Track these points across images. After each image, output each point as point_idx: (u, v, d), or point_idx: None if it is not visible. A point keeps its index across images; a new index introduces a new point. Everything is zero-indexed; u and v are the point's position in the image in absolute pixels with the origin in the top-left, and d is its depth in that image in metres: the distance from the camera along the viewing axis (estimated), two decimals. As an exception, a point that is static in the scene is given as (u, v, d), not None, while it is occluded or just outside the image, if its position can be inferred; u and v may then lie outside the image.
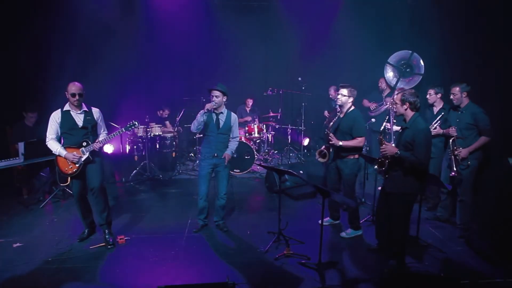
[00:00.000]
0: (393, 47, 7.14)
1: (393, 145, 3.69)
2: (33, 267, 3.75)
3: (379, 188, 3.97)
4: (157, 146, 7.36)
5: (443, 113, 4.80)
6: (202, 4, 8.10)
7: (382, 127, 3.82)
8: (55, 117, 4.08)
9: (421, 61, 6.52)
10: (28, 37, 6.51)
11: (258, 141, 8.18)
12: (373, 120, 6.30)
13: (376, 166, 3.72)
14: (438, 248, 4.18)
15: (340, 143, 4.25)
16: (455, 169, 4.31)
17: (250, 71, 8.84)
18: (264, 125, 8.00)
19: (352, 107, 4.40)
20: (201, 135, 4.72)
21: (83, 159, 4.11)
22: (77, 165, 4.11)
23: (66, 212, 5.28)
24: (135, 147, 7.21)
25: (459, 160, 4.35)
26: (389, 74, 6.93)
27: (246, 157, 7.23)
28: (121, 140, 7.33)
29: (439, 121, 4.80)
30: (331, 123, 4.48)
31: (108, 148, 7.35)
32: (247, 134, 7.67)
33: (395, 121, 4.96)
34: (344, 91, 4.32)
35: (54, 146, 4.08)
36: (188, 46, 8.31)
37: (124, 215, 5.15)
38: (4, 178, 5.81)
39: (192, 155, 8.33)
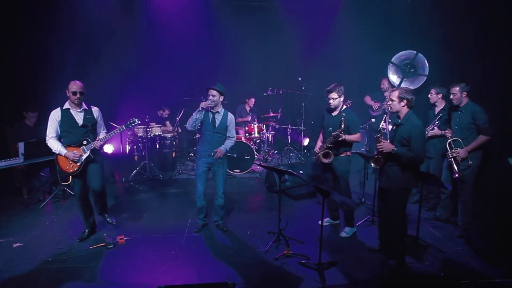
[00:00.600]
0: (393, 46, 7.15)
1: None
2: (33, 267, 3.74)
3: (379, 187, 3.98)
4: (157, 146, 7.37)
5: (441, 114, 4.81)
6: (202, 4, 8.11)
7: (380, 126, 3.82)
8: (55, 116, 4.08)
9: (426, 62, 6.51)
10: (28, 37, 6.52)
11: (258, 141, 8.18)
12: (373, 120, 6.30)
13: (372, 164, 3.75)
14: (438, 248, 4.17)
15: (344, 137, 4.29)
16: (457, 170, 4.30)
17: (250, 71, 8.84)
18: (264, 125, 8.00)
19: (344, 106, 4.45)
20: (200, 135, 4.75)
21: (84, 157, 4.12)
22: (78, 164, 4.12)
23: (66, 212, 5.28)
24: (135, 147, 7.21)
25: (459, 161, 4.34)
26: (392, 74, 6.93)
27: (246, 157, 7.23)
28: (121, 140, 7.34)
29: (437, 122, 4.80)
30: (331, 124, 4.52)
31: (108, 148, 7.36)
32: (247, 134, 7.68)
33: (390, 120, 4.97)
34: (334, 95, 4.32)
35: (54, 144, 4.08)
36: (188, 46, 8.32)
37: (124, 215, 5.15)
38: (4, 178, 5.82)
39: (192, 155, 8.32)
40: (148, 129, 7.14)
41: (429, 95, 4.99)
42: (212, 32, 8.38)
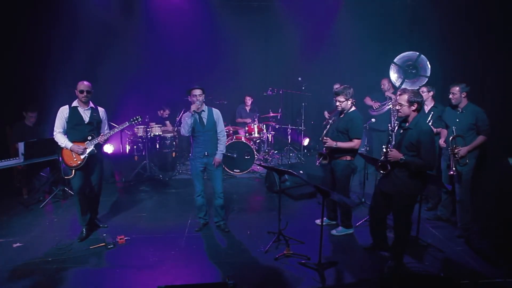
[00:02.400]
0: (393, 47, 7.14)
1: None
2: (33, 267, 3.75)
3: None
4: (157, 146, 7.36)
5: (432, 112, 4.82)
6: (202, 4, 8.11)
7: (389, 128, 3.75)
8: (63, 112, 4.22)
9: (428, 63, 6.50)
10: (28, 37, 6.52)
11: (258, 141, 8.17)
12: (373, 120, 6.29)
13: (380, 171, 3.64)
14: (438, 248, 4.17)
15: (335, 144, 4.24)
16: (454, 168, 4.30)
17: (250, 71, 8.84)
18: (264, 125, 7.99)
19: (353, 108, 4.38)
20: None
21: (88, 151, 4.24)
22: (81, 157, 4.22)
23: (66, 212, 5.28)
24: (135, 147, 7.21)
25: (459, 158, 4.34)
26: (394, 74, 6.91)
27: (246, 157, 7.23)
28: (121, 140, 7.34)
29: (431, 120, 4.80)
30: (329, 125, 4.51)
31: (108, 148, 7.35)
32: (247, 134, 7.67)
33: (397, 122, 4.95)
34: (341, 98, 4.29)
35: (61, 139, 4.21)
36: (188, 46, 8.31)
37: (124, 215, 5.15)
38: (4, 178, 5.81)
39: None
40: (148, 129, 7.15)
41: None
42: (212, 32, 8.37)
